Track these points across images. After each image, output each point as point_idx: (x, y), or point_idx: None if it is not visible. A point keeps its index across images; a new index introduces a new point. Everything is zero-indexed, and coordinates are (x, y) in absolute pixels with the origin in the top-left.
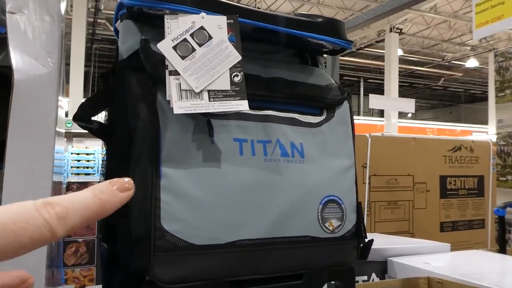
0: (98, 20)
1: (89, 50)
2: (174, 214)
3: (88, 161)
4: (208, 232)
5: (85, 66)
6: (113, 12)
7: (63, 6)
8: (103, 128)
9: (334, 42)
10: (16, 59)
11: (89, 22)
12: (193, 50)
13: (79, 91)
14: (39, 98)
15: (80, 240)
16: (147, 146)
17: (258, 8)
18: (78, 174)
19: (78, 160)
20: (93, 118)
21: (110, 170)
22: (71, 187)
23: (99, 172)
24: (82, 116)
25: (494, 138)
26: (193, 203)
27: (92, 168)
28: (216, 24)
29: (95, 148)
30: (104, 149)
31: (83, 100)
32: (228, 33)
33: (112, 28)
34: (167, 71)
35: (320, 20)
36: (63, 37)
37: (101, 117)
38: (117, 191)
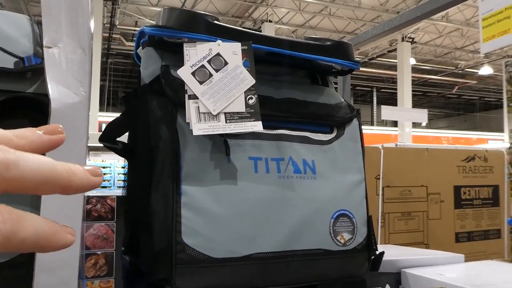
0: (113, 35)
1: (104, 65)
2: (194, 229)
3: (104, 174)
4: (226, 245)
5: (101, 80)
6: (127, 27)
7: (92, 27)
8: (127, 148)
9: (342, 64)
10: (52, 89)
11: (104, 37)
12: (210, 75)
13: (95, 105)
14: (72, 124)
15: (99, 252)
16: (168, 165)
17: (270, 20)
18: None
19: None
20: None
21: (133, 187)
22: (90, 201)
23: (116, 185)
24: (108, 137)
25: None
26: (211, 218)
27: (108, 181)
28: (231, 51)
29: (111, 162)
30: (127, 167)
31: (99, 113)
32: (242, 59)
33: (126, 43)
34: (186, 95)
35: (328, 43)
36: (92, 66)
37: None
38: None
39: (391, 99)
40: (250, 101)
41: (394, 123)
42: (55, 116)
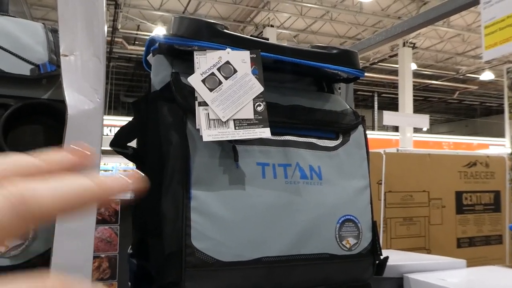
0: (115, 39)
1: (107, 68)
2: (203, 233)
3: None
4: (234, 249)
5: None
6: (130, 31)
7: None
8: (136, 153)
9: (348, 72)
10: (68, 96)
11: (106, 41)
12: (220, 83)
13: None
14: (87, 130)
15: (103, 255)
16: (178, 170)
17: (271, 25)
18: None
19: None
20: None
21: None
22: None
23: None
24: (118, 142)
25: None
26: (220, 222)
27: None
28: (241, 59)
29: (113, 165)
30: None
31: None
32: (251, 67)
33: (128, 47)
34: (196, 102)
35: (335, 51)
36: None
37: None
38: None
39: (392, 104)
40: (259, 108)
41: (395, 128)
42: (71, 122)
